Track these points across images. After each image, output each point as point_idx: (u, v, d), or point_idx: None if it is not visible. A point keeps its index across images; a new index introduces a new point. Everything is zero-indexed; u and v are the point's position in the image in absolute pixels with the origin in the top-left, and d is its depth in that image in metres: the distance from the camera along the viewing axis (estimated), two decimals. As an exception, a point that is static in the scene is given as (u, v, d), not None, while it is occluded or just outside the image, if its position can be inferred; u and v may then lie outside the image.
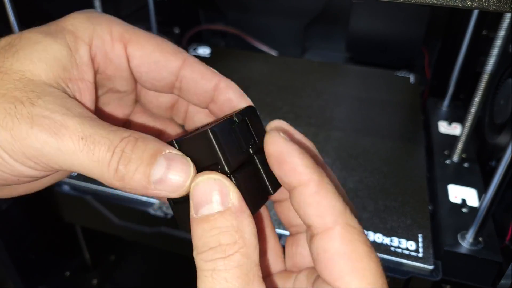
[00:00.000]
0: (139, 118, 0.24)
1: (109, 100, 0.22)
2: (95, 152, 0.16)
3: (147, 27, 0.64)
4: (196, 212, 0.16)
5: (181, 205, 0.17)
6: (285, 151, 0.17)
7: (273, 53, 0.71)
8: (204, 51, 0.67)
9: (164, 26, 0.70)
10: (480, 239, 0.35)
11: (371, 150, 0.45)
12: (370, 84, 0.59)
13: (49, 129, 0.16)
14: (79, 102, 0.18)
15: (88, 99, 0.19)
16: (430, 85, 0.64)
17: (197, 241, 0.15)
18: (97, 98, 0.21)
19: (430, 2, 0.22)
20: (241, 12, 0.73)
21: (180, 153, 0.17)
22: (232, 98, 0.21)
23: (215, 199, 0.16)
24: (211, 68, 0.21)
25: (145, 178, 0.16)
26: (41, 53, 0.18)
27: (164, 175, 0.16)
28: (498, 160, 0.31)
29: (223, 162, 0.16)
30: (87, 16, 0.20)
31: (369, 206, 0.38)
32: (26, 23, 0.36)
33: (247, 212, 0.16)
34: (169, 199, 0.18)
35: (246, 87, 0.22)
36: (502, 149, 0.41)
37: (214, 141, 0.16)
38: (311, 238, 0.17)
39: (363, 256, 0.15)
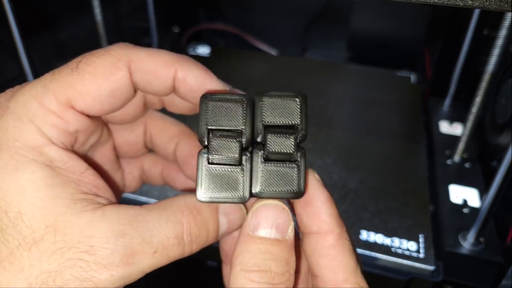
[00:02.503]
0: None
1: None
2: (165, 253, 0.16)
3: (146, 26, 0.64)
4: (253, 230, 0.16)
5: None
6: (314, 193, 0.17)
7: (273, 52, 0.71)
8: (204, 50, 0.66)
9: (163, 25, 0.70)
10: (481, 239, 0.34)
11: (372, 150, 0.45)
12: (370, 83, 0.58)
13: None
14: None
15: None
16: (431, 85, 0.64)
17: (247, 257, 0.15)
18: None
19: (431, 2, 0.22)
20: (241, 11, 0.73)
21: (227, 203, 0.17)
22: (194, 87, 0.19)
23: (277, 226, 0.16)
24: (173, 55, 0.19)
25: (216, 238, 0.18)
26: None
27: (228, 228, 0.18)
28: (500, 160, 0.31)
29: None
30: (38, 84, 0.18)
31: (370, 207, 0.38)
32: (25, 23, 0.36)
33: (294, 249, 0.16)
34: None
35: (246, 86, 0.22)
36: (504, 149, 0.41)
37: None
38: (315, 286, 0.17)
39: None
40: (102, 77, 0.16)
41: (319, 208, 0.16)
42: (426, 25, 0.62)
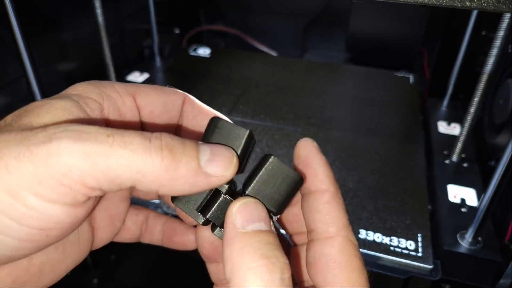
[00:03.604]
0: None
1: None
2: (129, 143, 0.15)
3: (147, 28, 0.64)
4: (244, 227, 0.16)
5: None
6: (313, 157, 0.18)
7: (273, 53, 0.71)
8: (204, 51, 0.67)
9: (164, 26, 0.70)
10: (479, 238, 0.35)
11: (371, 150, 0.46)
12: (369, 84, 0.59)
13: (69, 138, 0.14)
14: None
15: None
16: (429, 85, 0.65)
17: (251, 251, 0.15)
18: None
19: (430, 3, 0.22)
20: (241, 12, 0.73)
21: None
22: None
23: (263, 219, 0.16)
24: (206, 106, 0.22)
25: (195, 160, 0.16)
26: (48, 108, 0.16)
27: (211, 154, 0.16)
28: (497, 160, 0.31)
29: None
30: (88, 82, 0.19)
31: (368, 206, 0.38)
32: (27, 24, 0.37)
33: None
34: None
35: (246, 87, 0.22)
36: (501, 149, 0.41)
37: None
38: (310, 242, 0.18)
39: (356, 269, 0.17)
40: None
41: (316, 170, 0.18)
42: (425, 26, 0.63)
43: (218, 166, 0.16)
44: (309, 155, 0.18)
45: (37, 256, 0.18)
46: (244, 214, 0.16)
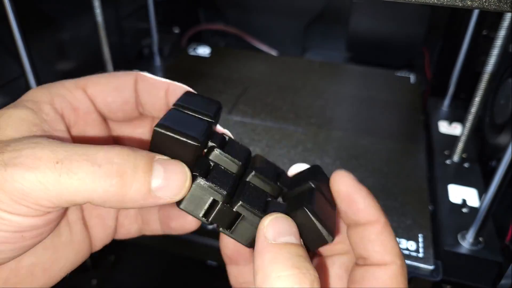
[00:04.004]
0: None
1: None
2: (75, 172, 0.15)
3: (146, 27, 0.64)
4: (276, 239, 0.17)
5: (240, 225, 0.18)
6: (356, 192, 0.19)
7: (273, 52, 0.71)
8: (204, 50, 0.67)
9: (164, 26, 0.70)
10: (481, 239, 0.35)
11: (372, 150, 0.45)
12: (370, 84, 0.59)
13: (22, 165, 0.15)
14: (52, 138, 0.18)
15: None
16: (430, 85, 0.64)
17: (282, 261, 0.16)
18: None
19: (431, 2, 0.22)
20: (241, 12, 0.73)
21: (167, 157, 0.17)
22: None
23: (294, 234, 0.17)
24: (160, 78, 0.22)
25: (146, 186, 0.16)
26: (7, 120, 0.17)
27: (164, 179, 0.16)
28: (499, 160, 0.31)
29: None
30: (39, 87, 0.20)
31: (369, 206, 0.38)
32: (26, 23, 0.36)
33: None
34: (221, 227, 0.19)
35: (246, 86, 0.22)
36: (503, 149, 0.41)
37: (312, 217, 0.18)
38: (361, 266, 0.19)
39: None
40: None
41: (363, 204, 0.18)
42: (426, 25, 0.63)
43: (168, 191, 0.17)
44: (350, 191, 0.19)
45: (26, 257, 0.18)
46: (275, 227, 0.17)
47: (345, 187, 0.19)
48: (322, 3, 0.69)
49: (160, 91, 0.22)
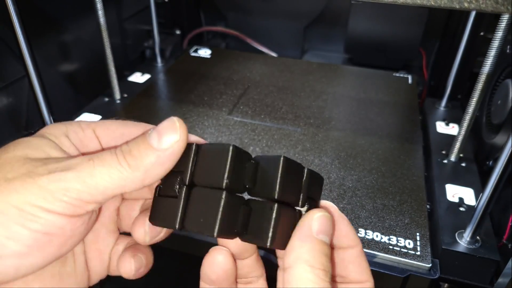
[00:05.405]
0: None
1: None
2: (102, 159, 0.19)
3: (148, 29, 0.65)
4: (318, 234, 0.19)
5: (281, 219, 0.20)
6: (340, 219, 0.21)
7: (273, 54, 0.72)
8: (205, 52, 0.67)
9: (165, 27, 0.70)
10: (478, 237, 0.35)
11: (370, 149, 0.46)
12: (368, 84, 0.59)
13: (62, 169, 0.19)
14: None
15: None
16: (428, 86, 0.65)
17: (315, 256, 0.19)
18: None
19: (428, 4, 0.23)
20: (241, 14, 0.74)
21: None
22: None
23: (330, 235, 0.20)
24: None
25: (149, 147, 0.19)
26: (37, 143, 0.20)
27: (157, 132, 0.19)
28: (495, 160, 0.31)
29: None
30: (58, 123, 0.23)
31: (367, 205, 0.38)
32: (29, 25, 0.37)
33: None
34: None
35: (246, 87, 0.23)
36: (499, 149, 0.41)
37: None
38: (342, 283, 0.22)
39: None
40: None
41: (346, 231, 0.21)
42: (423, 26, 0.63)
43: (167, 136, 0.19)
44: (336, 219, 0.21)
45: (34, 282, 0.20)
46: (322, 224, 0.20)
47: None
48: (321, 5, 0.69)
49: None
